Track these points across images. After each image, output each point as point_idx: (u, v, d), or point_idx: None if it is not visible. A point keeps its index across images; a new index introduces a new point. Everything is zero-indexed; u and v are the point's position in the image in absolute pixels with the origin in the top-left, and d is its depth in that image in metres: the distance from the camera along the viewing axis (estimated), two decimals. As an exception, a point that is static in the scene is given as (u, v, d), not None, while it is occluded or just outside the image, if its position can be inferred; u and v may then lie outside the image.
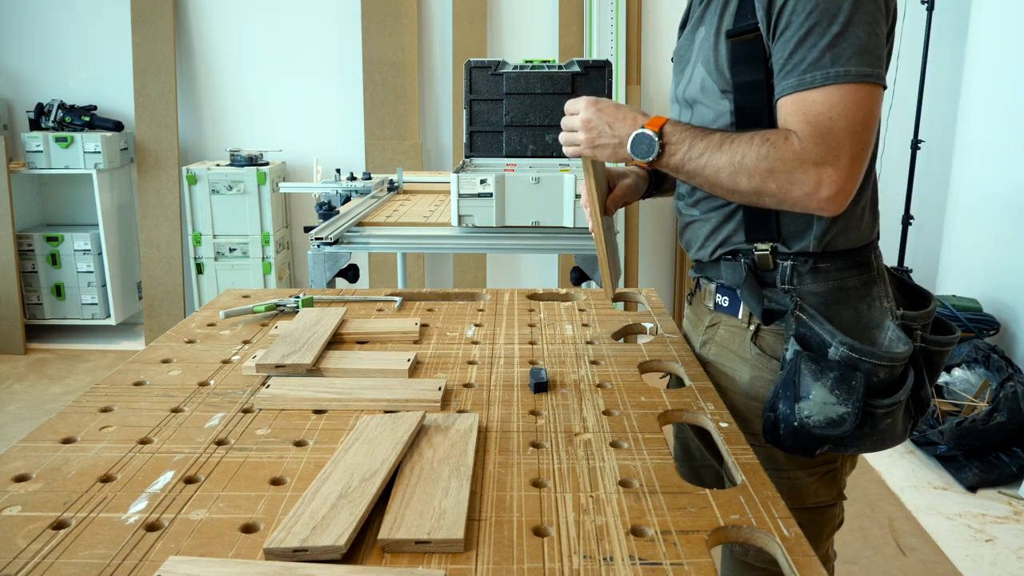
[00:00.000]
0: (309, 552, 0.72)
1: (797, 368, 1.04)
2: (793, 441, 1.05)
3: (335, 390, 1.10)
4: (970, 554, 2.30)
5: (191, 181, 3.86)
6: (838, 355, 1.03)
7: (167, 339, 1.34)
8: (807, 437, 1.03)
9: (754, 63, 1.04)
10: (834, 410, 1.01)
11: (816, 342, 1.06)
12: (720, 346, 1.22)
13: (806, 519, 1.12)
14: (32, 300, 4.00)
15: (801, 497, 1.15)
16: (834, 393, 1.01)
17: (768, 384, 1.14)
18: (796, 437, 1.04)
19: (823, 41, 0.96)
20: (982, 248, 3.38)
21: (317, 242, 2.16)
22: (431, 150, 4.17)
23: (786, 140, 0.99)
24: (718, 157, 1.03)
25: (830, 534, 1.22)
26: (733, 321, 1.19)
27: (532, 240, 2.27)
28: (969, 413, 2.77)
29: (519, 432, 0.99)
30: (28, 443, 0.95)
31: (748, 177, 1.01)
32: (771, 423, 1.07)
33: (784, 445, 1.06)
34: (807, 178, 0.98)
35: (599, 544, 0.75)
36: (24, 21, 4.04)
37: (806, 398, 1.02)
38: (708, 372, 1.22)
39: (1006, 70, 3.26)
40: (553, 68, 2.55)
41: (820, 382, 1.02)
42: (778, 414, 1.06)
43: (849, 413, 1.01)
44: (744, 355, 1.17)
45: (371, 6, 3.92)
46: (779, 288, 1.11)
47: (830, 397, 1.01)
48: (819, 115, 0.97)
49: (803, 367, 1.03)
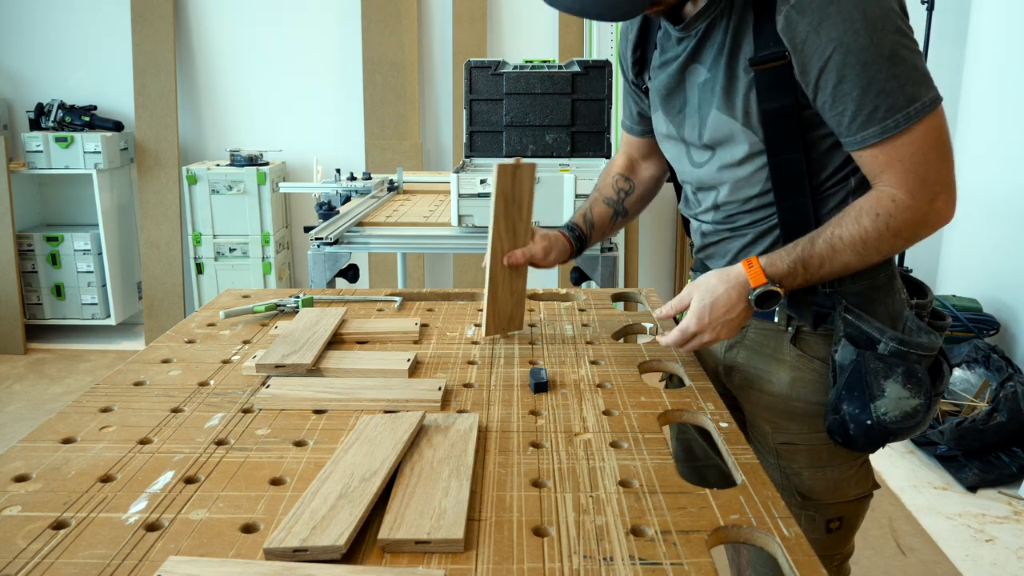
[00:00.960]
0: (309, 552, 0.73)
1: (864, 368, 1.07)
2: (866, 439, 1.09)
3: (335, 390, 1.10)
4: (970, 554, 2.30)
5: (191, 181, 3.86)
6: (887, 350, 1.08)
7: (167, 339, 1.34)
8: (881, 433, 1.07)
9: (783, 90, 1.04)
10: (908, 403, 1.06)
11: (864, 340, 1.09)
12: (751, 350, 1.22)
13: (849, 511, 1.20)
14: (32, 300, 3.99)
15: (845, 490, 1.20)
16: (907, 387, 1.06)
17: (810, 384, 1.16)
18: (869, 435, 1.08)
19: (891, 84, 0.97)
20: (982, 248, 3.38)
21: (317, 242, 2.16)
22: (431, 150, 4.17)
23: (893, 203, 1.02)
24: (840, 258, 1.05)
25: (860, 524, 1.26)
26: (766, 324, 1.19)
27: (532, 240, 2.27)
28: (969, 413, 2.77)
29: (519, 432, 0.99)
30: (28, 443, 0.95)
31: (878, 252, 1.05)
32: (839, 424, 1.10)
33: (856, 444, 1.10)
34: (929, 217, 1.03)
35: (599, 544, 0.75)
36: (24, 21, 4.04)
37: (881, 395, 1.06)
38: (734, 377, 1.24)
39: (1006, 70, 3.26)
40: (553, 68, 2.55)
41: (891, 378, 1.06)
42: (843, 415, 1.09)
43: (922, 405, 1.07)
44: (782, 357, 1.18)
45: (371, 6, 3.92)
46: (821, 292, 1.13)
47: (903, 391, 1.06)
48: (914, 157, 1.00)
49: (871, 366, 1.07)
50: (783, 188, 1.10)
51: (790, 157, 1.08)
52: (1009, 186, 3.20)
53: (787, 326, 1.17)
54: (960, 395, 2.87)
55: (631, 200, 1.44)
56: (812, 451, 1.18)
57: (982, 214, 3.37)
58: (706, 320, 1.11)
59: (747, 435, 1.27)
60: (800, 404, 1.17)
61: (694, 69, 1.14)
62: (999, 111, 3.30)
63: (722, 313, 1.10)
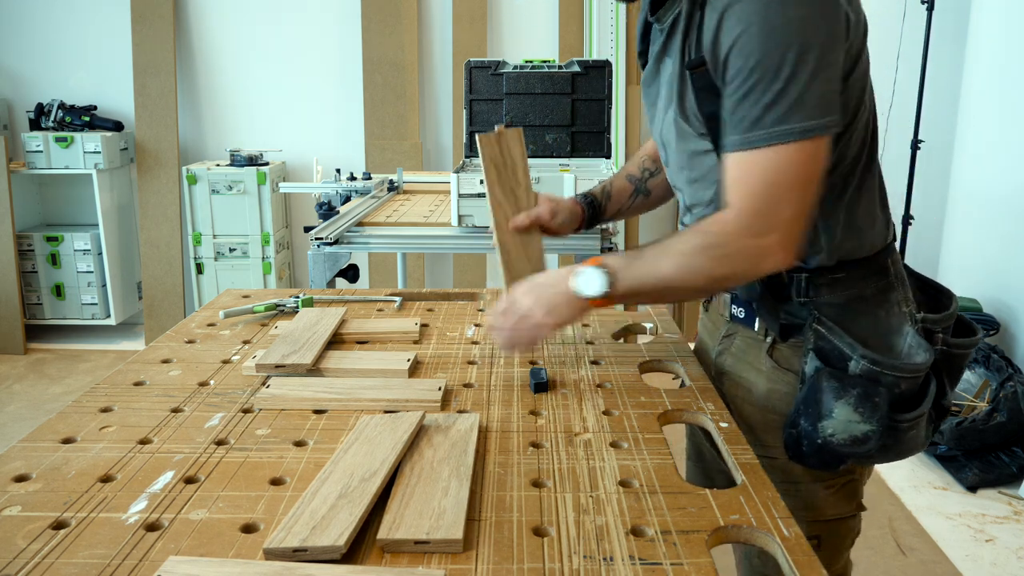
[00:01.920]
0: (309, 552, 0.72)
1: (818, 385, 1.01)
2: (817, 458, 1.03)
3: (335, 390, 1.10)
4: (970, 554, 2.30)
5: (191, 181, 3.86)
6: (859, 368, 1.00)
7: (167, 339, 1.34)
8: (831, 454, 1.02)
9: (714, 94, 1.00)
10: (858, 428, 0.99)
11: (836, 355, 1.03)
12: (736, 357, 1.19)
13: (825, 531, 1.12)
14: (32, 300, 4.00)
15: (820, 509, 1.13)
16: (857, 411, 0.99)
17: (784, 397, 1.11)
18: (820, 454, 1.02)
19: (764, 99, 0.92)
20: (982, 248, 3.38)
21: (317, 242, 2.16)
22: (431, 150, 4.17)
23: (722, 223, 0.98)
24: (660, 268, 1.01)
25: (849, 546, 1.19)
26: (749, 332, 1.16)
27: (532, 240, 2.27)
28: (969, 413, 2.77)
29: (519, 432, 0.99)
30: (28, 443, 0.95)
31: (697, 273, 1.00)
32: (793, 439, 1.05)
33: (808, 462, 1.05)
34: (752, 252, 0.97)
35: (599, 544, 0.75)
36: (24, 21, 4.04)
37: (828, 416, 1.00)
38: (724, 382, 1.20)
39: (1006, 70, 3.26)
40: (553, 68, 2.55)
41: (843, 400, 0.99)
42: (799, 430, 1.04)
43: (874, 431, 0.99)
44: (760, 367, 1.14)
45: (371, 6, 3.92)
46: (796, 301, 1.08)
47: (853, 415, 0.99)
48: (759, 182, 0.95)
49: (824, 384, 1.01)
50: None
51: None
52: (1009, 186, 3.20)
53: (765, 336, 1.13)
54: (960, 395, 2.87)
55: (655, 181, 1.38)
56: (786, 466, 1.11)
57: (982, 214, 3.37)
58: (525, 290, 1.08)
59: None
60: (775, 417, 1.12)
61: (665, 63, 1.10)
62: (999, 111, 3.30)
63: (541, 282, 1.08)
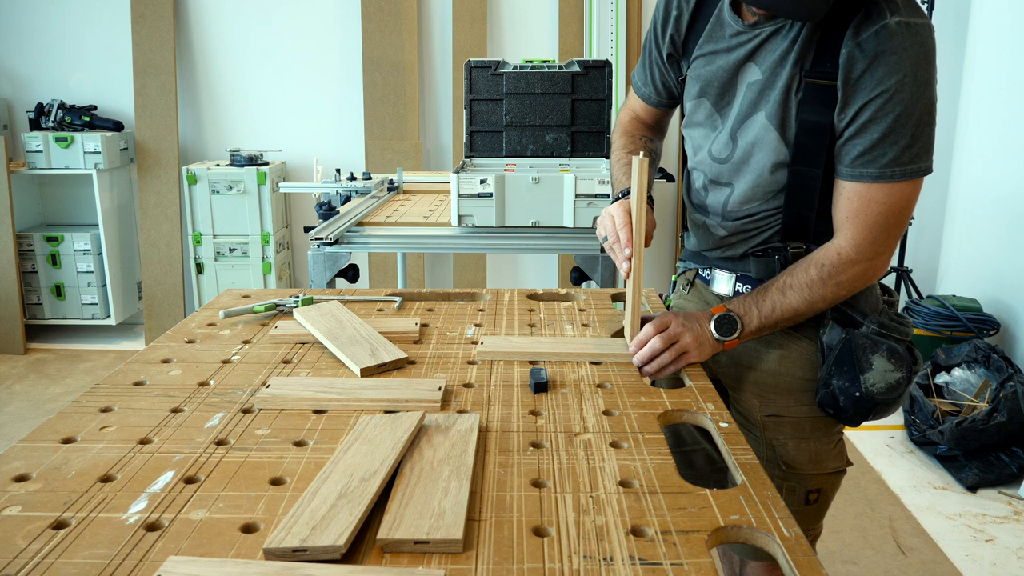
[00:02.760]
0: (308, 552, 0.72)
1: (852, 345, 1.19)
2: (854, 410, 1.19)
3: (335, 390, 1.10)
4: (970, 554, 2.30)
5: (191, 181, 3.86)
6: (870, 331, 1.20)
7: (167, 339, 1.34)
8: (868, 403, 1.18)
9: (824, 107, 1.12)
10: (893, 376, 1.18)
11: (849, 323, 1.22)
12: None
13: (827, 483, 1.31)
14: (32, 300, 4.00)
15: (825, 462, 1.30)
16: (891, 361, 1.18)
17: (797, 360, 1.27)
18: (857, 406, 1.19)
19: (903, 141, 1.08)
20: (982, 248, 3.38)
21: (317, 242, 2.16)
22: (431, 150, 4.17)
23: (838, 256, 1.15)
24: (788, 302, 1.18)
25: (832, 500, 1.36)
26: None
27: (532, 240, 2.27)
28: (969, 413, 2.77)
29: (519, 432, 0.99)
30: (28, 443, 0.95)
31: (822, 298, 1.17)
32: (830, 397, 1.21)
33: (845, 415, 1.21)
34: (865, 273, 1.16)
35: (599, 544, 0.75)
36: (24, 21, 4.04)
37: (870, 368, 1.17)
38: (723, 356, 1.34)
39: (1006, 70, 3.26)
40: (553, 68, 2.55)
41: (878, 353, 1.18)
42: (833, 388, 1.20)
43: (904, 378, 1.19)
44: (771, 337, 1.28)
45: (371, 6, 3.92)
46: None
47: (888, 365, 1.18)
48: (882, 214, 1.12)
49: (859, 343, 1.19)
50: (794, 197, 1.19)
51: (810, 171, 1.16)
52: (1009, 186, 3.20)
53: None
54: (960, 395, 2.87)
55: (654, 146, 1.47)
56: (796, 423, 1.28)
57: (982, 214, 3.37)
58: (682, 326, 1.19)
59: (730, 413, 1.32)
60: (787, 379, 1.27)
61: (748, 68, 1.19)
62: (999, 111, 3.30)
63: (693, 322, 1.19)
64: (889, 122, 1.07)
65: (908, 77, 1.05)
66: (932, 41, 1.07)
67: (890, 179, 1.10)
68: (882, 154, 1.09)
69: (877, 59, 1.06)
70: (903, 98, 1.06)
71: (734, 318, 1.18)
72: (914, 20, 1.05)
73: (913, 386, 2.98)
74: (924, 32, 1.06)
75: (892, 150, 1.09)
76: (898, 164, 1.09)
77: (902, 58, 1.05)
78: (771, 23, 1.15)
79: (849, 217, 1.14)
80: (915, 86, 1.06)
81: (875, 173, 1.11)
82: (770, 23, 1.16)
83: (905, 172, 1.09)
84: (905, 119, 1.07)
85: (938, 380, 2.97)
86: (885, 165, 1.09)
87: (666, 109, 1.43)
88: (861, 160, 1.11)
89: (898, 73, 1.05)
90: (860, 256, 1.14)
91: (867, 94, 1.08)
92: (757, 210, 1.23)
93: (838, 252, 1.15)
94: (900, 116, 1.07)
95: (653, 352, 1.17)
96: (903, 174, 1.10)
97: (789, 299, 1.18)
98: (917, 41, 1.05)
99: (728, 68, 1.21)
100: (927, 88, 1.07)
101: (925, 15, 1.07)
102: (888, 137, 1.08)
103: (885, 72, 1.06)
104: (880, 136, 1.09)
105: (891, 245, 1.16)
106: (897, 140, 1.08)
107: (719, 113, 1.25)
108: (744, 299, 1.20)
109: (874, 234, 1.13)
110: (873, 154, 1.10)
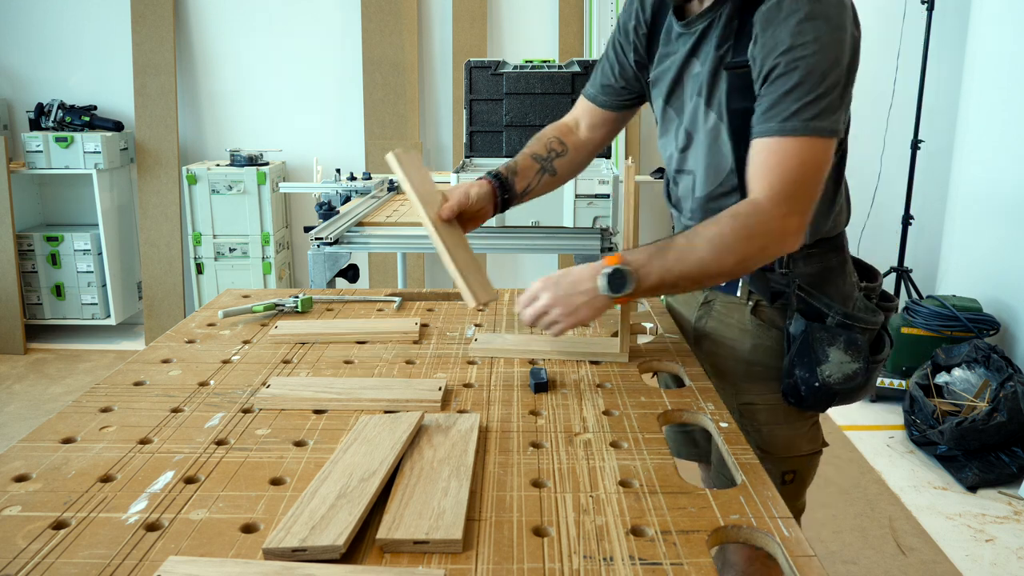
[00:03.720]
0: (308, 552, 0.72)
1: (811, 338, 1.21)
2: (814, 399, 1.22)
3: (335, 390, 1.10)
4: (970, 554, 2.30)
5: (191, 181, 3.86)
6: (835, 322, 1.22)
7: (167, 339, 1.34)
8: (826, 393, 1.21)
9: (749, 91, 1.14)
10: (849, 367, 1.21)
11: (815, 315, 1.23)
12: (718, 320, 1.33)
13: (801, 465, 1.34)
14: (32, 300, 3.99)
15: (799, 445, 1.32)
16: (847, 353, 1.21)
17: (769, 350, 1.28)
18: (817, 395, 1.21)
19: (807, 98, 1.07)
20: (982, 248, 3.38)
21: (317, 242, 2.16)
22: (431, 150, 4.17)
23: (753, 205, 1.10)
24: (695, 253, 1.11)
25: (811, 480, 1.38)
26: (730, 298, 1.31)
27: (532, 240, 2.27)
28: (969, 413, 2.77)
29: (519, 432, 0.99)
30: (28, 443, 0.95)
31: (732, 251, 1.10)
32: (792, 387, 1.24)
33: (805, 404, 1.24)
34: (779, 230, 1.10)
35: (599, 544, 0.75)
36: (24, 21, 4.04)
37: (825, 360, 1.20)
38: (703, 344, 1.35)
39: (1006, 70, 3.26)
40: (553, 68, 2.55)
41: (834, 346, 1.20)
42: (796, 378, 1.22)
43: (861, 368, 1.21)
44: (745, 327, 1.29)
45: (371, 6, 3.92)
46: (777, 272, 1.25)
47: (844, 356, 1.20)
48: (794, 168, 1.09)
49: (816, 336, 1.21)
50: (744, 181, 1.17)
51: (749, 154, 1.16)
52: (1009, 186, 3.20)
53: (747, 300, 1.28)
54: (960, 395, 2.87)
55: (561, 162, 1.45)
56: (770, 410, 1.29)
57: (982, 214, 3.37)
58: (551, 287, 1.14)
59: None
60: (759, 368, 1.29)
61: (692, 63, 1.23)
62: (999, 111, 3.30)
63: (568, 284, 1.13)
64: (794, 79, 1.07)
65: (809, 37, 1.05)
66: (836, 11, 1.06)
67: (792, 132, 1.08)
68: (786, 108, 1.08)
69: (780, 24, 1.07)
70: (804, 56, 1.06)
71: (625, 273, 1.10)
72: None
73: (913, 386, 2.98)
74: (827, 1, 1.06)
75: (795, 105, 1.07)
76: (800, 118, 1.07)
77: (803, 20, 1.05)
78: (703, 19, 1.18)
79: (761, 171, 1.11)
80: (817, 46, 1.05)
81: (776, 127, 1.09)
82: (702, 19, 1.18)
83: (808, 127, 1.07)
84: (807, 76, 1.06)
85: (938, 380, 2.97)
86: (786, 118, 1.08)
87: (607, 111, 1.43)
88: (766, 115, 1.10)
89: (801, 36, 1.06)
90: (774, 209, 1.09)
91: (771, 57, 1.08)
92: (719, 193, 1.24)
93: (754, 202, 1.11)
94: (804, 73, 1.06)
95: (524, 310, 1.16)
96: (806, 128, 1.07)
97: (698, 250, 1.11)
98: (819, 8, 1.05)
99: (676, 67, 1.25)
100: (831, 50, 1.06)
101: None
102: (792, 93, 1.07)
103: (787, 33, 1.06)
104: (785, 91, 1.08)
105: (803, 208, 1.11)
106: (801, 97, 1.07)
107: (674, 109, 1.29)
108: (647, 248, 1.13)
109: (790, 189, 1.09)
110: (777, 108, 1.09)
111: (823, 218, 1.23)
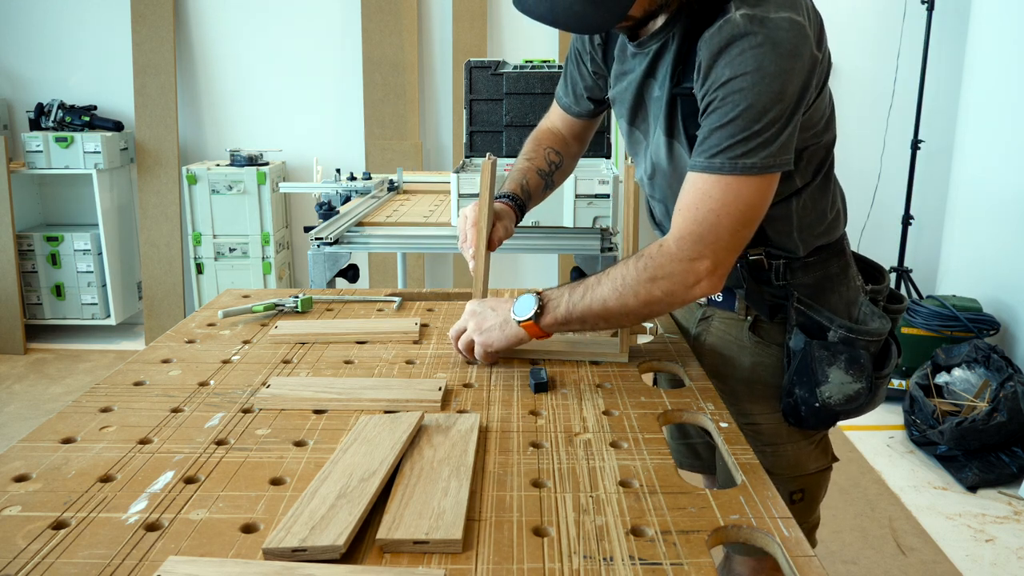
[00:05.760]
0: (308, 552, 0.72)
1: (810, 356, 1.15)
2: (815, 420, 1.17)
3: (335, 390, 1.10)
4: (970, 554, 2.30)
5: (191, 181, 3.86)
6: (837, 337, 1.15)
7: (167, 339, 1.34)
8: (827, 414, 1.16)
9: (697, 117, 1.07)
10: (851, 387, 1.14)
11: (816, 329, 1.17)
12: (717, 336, 1.29)
13: (810, 483, 1.28)
14: (32, 300, 4.00)
15: (804, 465, 1.27)
16: (849, 373, 1.14)
17: (769, 368, 1.23)
18: (817, 416, 1.16)
19: (740, 135, 0.99)
20: (982, 248, 3.38)
21: (317, 242, 2.16)
22: (431, 150, 4.17)
23: (660, 247, 1.07)
24: (599, 291, 1.10)
25: (824, 496, 1.33)
26: (728, 314, 1.26)
27: (532, 240, 2.27)
28: (969, 413, 2.77)
29: (519, 432, 0.99)
30: (28, 443, 0.95)
31: (634, 293, 1.07)
32: (791, 407, 1.19)
33: (807, 424, 1.19)
34: (684, 275, 1.06)
35: (599, 544, 0.75)
36: (24, 21, 4.04)
37: (825, 381, 1.14)
38: (705, 359, 1.29)
39: (1006, 70, 3.26)
40: (553, 68, 2.55)
41: (835, 365, 1.14)
42: (796, 398, 1.17)
43: (863, 388, 1.14)
44: (743, 343, 1.25)
45: (371, 6, 3.92)
46: (775, 284, 1.19)
47: (846, 377, 1.14)
48: (707, 210, 1.02)
49: (816, 354, 1.14)
50: None
51: None
52: (1009, 186, 3.20)
53: (746, 316, 1.24)
54: (960, 395, 2.87)
55: (559, 174, 1.46)
56: (772, 430, 1.24)
57: (982, 214, 3.37)
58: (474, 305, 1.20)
59: None
60: (760, 387, 1.24)
61: (650, 84, 1.16)
62: (999, 111, 3.30)
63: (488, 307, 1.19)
64: (727, 113, 0.99)
65: (751, 69, 0.97)
66: (787, 35, 0.96)
67: (717, 170, 1.00)
68: (715, 144, 1.00)
69: (721, 53, 0.99)
70: (743, 89, 0.97)
71: (532, 299, 1.12)
72: (763, 13, 0.97)
73: (913, 386, 2.98)
74: (774, 25, 0.96)
75: (725, 141, 0.99)
76: (728, 156, 0.99)
77: (744, 51, 0.97)
78: (655, 39, 1.11)
79: (680, 209, 1.05)
80: (759, 78, 0.97)
81: (702, 163, 1.02)
82: (655, 39, 1.11)
83: (736, 165, 0.99)
84: (744, 112, 0.98)
85: (938, 380, 2.97)
86: (714, 155, 1.00)
87: (585, 120, 1.43)
88: (697, 150, 1.03)
89: (742, 66, 0.97)
90: (680, 252, 1.04)
91: (711, 88, 1.00)
92: None
93: (660, 244, 1.07)
94: (740, 108, 0.98)
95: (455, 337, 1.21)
96: (733, 167, 0.99)
97: (602, 288, 1.09)
98: (764, 34, 0.96)
99: (634, 87, 1.18)
100: (775, 82, 0.97)
101: (788, 9, 0.97)
102: (724, 128, 0.99)
103: (726, 63, 0.98)
104: (717, 126, 1.00)
105: (718, 251, 1.04)
106: (734, 133, 0.99)
107: (640, 132, 1.23)
108: (565, 285, 1.14)
109: (700, 231, 1.03)
110: (707, 144, 1.01)
111: (818, 228, 1.18)
